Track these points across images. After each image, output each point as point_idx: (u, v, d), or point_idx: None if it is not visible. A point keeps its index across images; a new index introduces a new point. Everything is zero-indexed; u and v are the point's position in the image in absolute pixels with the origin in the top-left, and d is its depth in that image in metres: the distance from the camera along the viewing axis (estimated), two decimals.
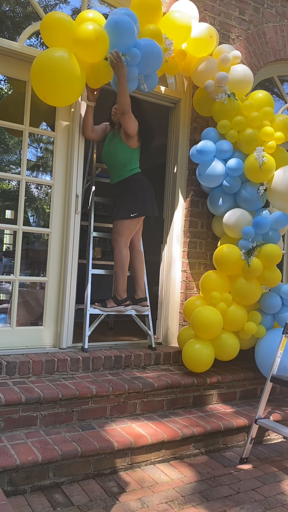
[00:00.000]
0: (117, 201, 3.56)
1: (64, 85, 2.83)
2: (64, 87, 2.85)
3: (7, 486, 2.24)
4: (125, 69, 3.01)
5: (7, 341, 3.18)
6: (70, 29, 2.81)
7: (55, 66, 2.77)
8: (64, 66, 2.78)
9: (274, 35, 4.33)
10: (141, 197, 3.49)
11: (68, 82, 2.83)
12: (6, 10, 3.41)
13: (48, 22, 2.83)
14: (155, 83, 3.29)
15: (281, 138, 3.39)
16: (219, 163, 3.46)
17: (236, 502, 2.41)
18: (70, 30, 2.81)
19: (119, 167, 3.52)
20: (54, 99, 2.97)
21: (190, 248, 3.83)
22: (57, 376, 3.02)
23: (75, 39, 2.79)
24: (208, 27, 3.45)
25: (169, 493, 2.42)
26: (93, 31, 2.74)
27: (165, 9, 3.59)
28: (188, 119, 3.94)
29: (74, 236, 3.41)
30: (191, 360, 3.31)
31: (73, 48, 2.84)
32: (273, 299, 3.47)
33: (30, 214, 6.33)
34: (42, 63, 2.80)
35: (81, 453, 2.43)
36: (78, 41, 2.78)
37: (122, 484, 2.47)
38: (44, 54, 2.82)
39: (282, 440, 3.36)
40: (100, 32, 2.76)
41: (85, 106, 3.42)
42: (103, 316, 3.59)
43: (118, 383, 2.97)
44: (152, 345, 3.57)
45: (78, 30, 2.77)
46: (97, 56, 2.87)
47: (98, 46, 2.79)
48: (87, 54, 2.85)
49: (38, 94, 2.91)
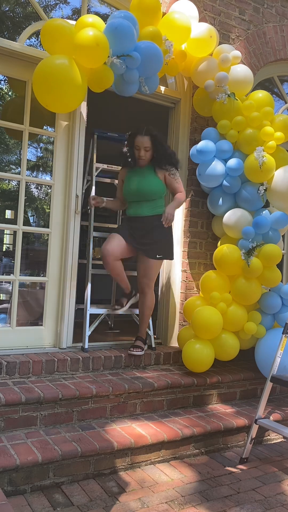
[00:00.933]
0: (148, 237, 3.31)
1: (66, 93, 2.85)
2: (66, 94, 2.86)
3: (7, 486, 2.24)
4: (182, 203, 3.46)
5: (7, 341, 3.18)
6: (70, 35, 2.82)
7: (57, 74, 2.78)
8: (66, 74, 2.79)
9: (274, 35, 4.33)
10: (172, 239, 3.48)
11: (70, 90, 2.84)
12: (6, 10, 3.42)
13: (48, 29, 2.84)
14: (156, 84, 3.29)
15: (281, 138, 3.39)
16: (219, 163, 3.46)
17: (236, 502, 2.41)
18: (70, 37, 2.82)
19: (152, 201, 3.35)
20: (56, 106, 2.99)
21: (190, 248, 3.83)
22: (57, 376, 3.02)
23: (75, 45, 2.80)
24: (208, 27, 3.45)
25: (169, 493, 2.42)
26: (93, 37, 2.75)
27: (165, 9, 3.59)
28: (188, 119, 3.94)
29: (74, 236, 3.41)
30: (191, 360, 3.31)
31: (73, 54, 2.85)
32: (273, 299, 3.47)
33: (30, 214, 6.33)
34: (44, 71, 2.81)
35: (81, 453, 2.43)
36: (78, 47, 2.79)
37: (122, 484, 2.47)
38: (45, 62, 2.83)
39: (282, 440, 3.36)
40: (100, 38, 2.77)
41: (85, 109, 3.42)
42: (103, 316, 3.60)
43: (118, 383, 2.97)
44: (152, 345, 3.57)
45: (78, 37, 2.78)
46: (98, 62, 2.87)
47: (98, 52, 2.80)
48: (87, 60, 2.86)
49: (40, 101, 2.92)
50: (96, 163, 3.88)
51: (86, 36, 2.76)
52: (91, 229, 3.59)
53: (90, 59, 2.85)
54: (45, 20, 3.36)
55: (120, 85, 3.13)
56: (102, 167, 3.90)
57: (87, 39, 2.75)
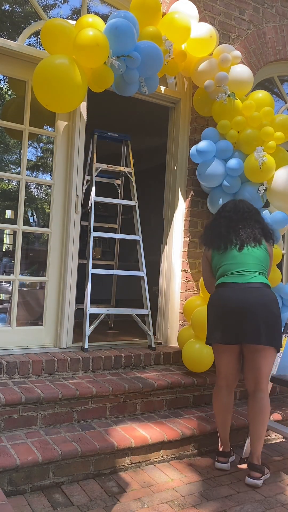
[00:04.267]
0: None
1: (66, 92, 2.84)
2: (66, 94, 2.86)
3: (7, 486, 2.24)
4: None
5: (7, 341, 3.18)
6: (70, 35, 2.82)
7: (57, 74, 2.78)
8: (66, 74, 2.79)
9: (274, 35, 4.33)
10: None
11: (70, 90, 2.84)
12: (6, 9, 3.41)
13: (49, 29, 2.84)
14: (156, 85, 3.29)
15: (281, 138, 3.39)
16: (219, 163, 3.46)
17: (236, 502, 2.41)
18: (70, 37, 2.82)
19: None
20: (56, 106, 2.99)
21: (190, 248, 3.83)
22: (57, 376, 3.02)
23: (75, 46, 2.80)
24: (208, 27, 3.44)
25: (169, 493, 2.42)
26: (93, 37, 2.75)
27: (165, 9, 3.59)
28: (188, 119, 3.94)
29: (74, 236, 3.41)
30: (191, 360, 3.31)
31: (73, 54, 2.85)
32: None
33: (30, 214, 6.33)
34: (44, 71, 2.80)
35: (81, 453, 2.43)
36: (79, 47, 2.79)
37: (122, 484, 2.47)
38: (46, 62, 2.83)
39: (282, 440, 3.36)
40: (100, 38, 2.76)
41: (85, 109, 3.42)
42: (103, 316, 3.60)
43: (118, 383, 2.97)
44: (152, 345, 3.57)
45: (78, 37, 2.78)
46: (98, 62, 2.87)
47: (98, 52, 2.80)
48: (87, 60, 2.86)
49: (41, 101, 2.92)
50: (96, 163, 3.88)
51: (86, 36, 2.76)
52: (91, 229, 3.59)
53: (90, 59, 2.85)
54: (45, 19, 3.36)
55: (120, 85, 3.13)
56: (102, 167, 3.91)
57: (87, 39, 2.75)
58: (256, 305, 2.53)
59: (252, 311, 2.52)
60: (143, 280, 3.73)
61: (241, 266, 2.64)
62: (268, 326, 2.52)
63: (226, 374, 2.73)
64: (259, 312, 2.51)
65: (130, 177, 4.04)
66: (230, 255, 2.69)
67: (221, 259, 2.73)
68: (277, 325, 2.57)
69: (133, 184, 4.01)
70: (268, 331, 2.52)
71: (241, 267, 2.64)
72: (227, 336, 2.60)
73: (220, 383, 2.75)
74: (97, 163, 3.89)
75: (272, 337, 2.53)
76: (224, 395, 2.73)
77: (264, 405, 2.59)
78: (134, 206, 3.91)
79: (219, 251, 2.74)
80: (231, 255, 2.69)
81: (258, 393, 2.60)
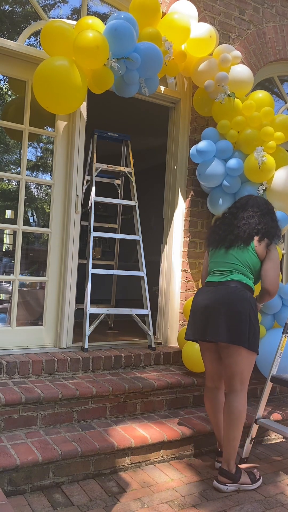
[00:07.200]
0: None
1: (66, 94, 2.85)
2: (67, 96, 2.86)
3: (7, 486, 2.24)
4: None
5: (7, 341, 3.18)
6: (70, 37, 2.82)
7: (57, 76, 2.79)
8: (66, 76, 2.79)
9: (274, 35, 4.33)
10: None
11: (70, 92, 2.84)
12: (6, 9, 3.41)
13: (48, 31, 2.84)
14: (156, 86, 3.29)
15: (281, 138, 3.39)
16: (219, 163, 3.46)
17: (236, 502, 2.41)
18: (70, 39, 2.82)
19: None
20: (56, 108, 2.99)
21: (190, 248, 3.83)
22: (57, 376, 3.02)
23: (75, 47, 2.80)
24: (207, 27, 3.44)
25: (169, 493, 2.42)
26: (92, 39, 2.75)
27: (165, 9, 3.59)
28: (188, 119, 3.94)
29: (74, 236, 3.41)
30: (191, 360, 3.31)
31: (73, 55, 2.85)
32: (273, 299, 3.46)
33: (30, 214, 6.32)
34: (44, 73, 2.81)
35: (81, 453, 2.43)
36: (78, 49, 2.79)
37: (122, 484, 2.47)
38: (46, 64, 2.83)
39: (282, 440, 3.36)
40: (100, 40, 2.76)
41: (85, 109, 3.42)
42: (103, 316, 3.60)
43: (118, 383, 2.97)
44: (152, 345, 3.57)
45: (78, 39, 2.78)
46: (98, 63, 2.87)
47: (98, 54, 2.80)
48: (87, 62, 2.86)
49: (41, 103, 2.92)
50: (96, 163, 3.89)
51: (86, 38, 2.76)
52: (91, 229, 3.59)
53: (90, 61, 2.85)
54: (45, 19, 3.36)
55: (120, 86, 3.13)
56: (102, 167, 3.91)
57: (87, 41, 2.75)
58: (220, 302, 2.53)
59: (215, 307, 2.53)
60: (143, 280, 3.73)
61: (221, 266, 2.67)
62: (232, 324, 2.47)
63: (210, 374, 2.76)
64: (221, 309, 2.50)
65: (130, 177, 4.04)
66: (217, 254, 2.73)
67: (211, 258, 2.79)
68: (242, 324, 2.47)
69: (133, 184, 4.01)
70: (231, 329, 2.47)
71: (220, 266, 2.67)
72: (196, 332, 2.65)
73: (208, 384, 2.78)
74: (97, 163, 3.89)
75: (235, 335, 2.46)
76: (213, 396, 2.75)
77: (235, 407, 2.50)
78: (134, 206, 3.91)
79: (212, 250, 2.79)
80: (218, 254, 2.73)
81: (229, 394, 2.56)
